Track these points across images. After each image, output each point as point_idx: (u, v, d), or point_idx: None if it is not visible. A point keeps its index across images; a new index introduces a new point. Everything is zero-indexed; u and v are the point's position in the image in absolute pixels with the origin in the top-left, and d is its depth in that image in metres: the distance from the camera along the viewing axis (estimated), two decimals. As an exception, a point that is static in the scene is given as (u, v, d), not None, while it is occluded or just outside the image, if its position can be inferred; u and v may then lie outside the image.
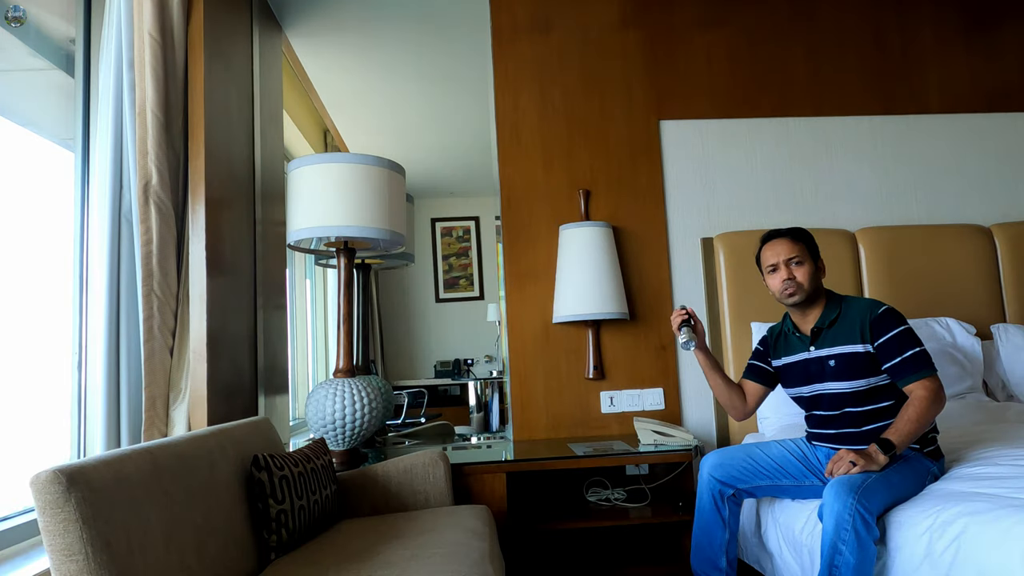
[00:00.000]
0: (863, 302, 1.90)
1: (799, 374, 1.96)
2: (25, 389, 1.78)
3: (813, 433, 1.99)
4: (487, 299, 6.06)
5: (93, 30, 1.95)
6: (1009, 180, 3.07)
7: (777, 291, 1.95)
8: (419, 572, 1.40)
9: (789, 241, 1.95)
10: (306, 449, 1.89)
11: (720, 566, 1.94)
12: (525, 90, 2.94)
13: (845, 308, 1.91)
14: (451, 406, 5.13)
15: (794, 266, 1.92)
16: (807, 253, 1.94)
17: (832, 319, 1.90)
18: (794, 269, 1.92)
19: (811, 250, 1.95)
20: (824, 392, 1.90)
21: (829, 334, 1.90)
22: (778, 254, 1.94)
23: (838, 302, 1.94)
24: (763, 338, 2.12)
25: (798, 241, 1.95)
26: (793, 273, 1.91)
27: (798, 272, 1.91)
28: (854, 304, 1.91)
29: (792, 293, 1.91)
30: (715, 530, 1.95)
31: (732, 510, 1.96)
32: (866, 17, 3.11)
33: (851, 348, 1.85)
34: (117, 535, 1.10)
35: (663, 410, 2.78)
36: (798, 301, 1.92)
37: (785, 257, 1.92)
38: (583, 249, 2.68)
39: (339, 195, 2.14)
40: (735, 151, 2.98)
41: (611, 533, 2.64)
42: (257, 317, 2.38)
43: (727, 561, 1.94)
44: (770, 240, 1.99)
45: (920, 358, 1.77)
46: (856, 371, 1.84)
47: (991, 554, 1.34)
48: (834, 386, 1.87)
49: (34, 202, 1.87)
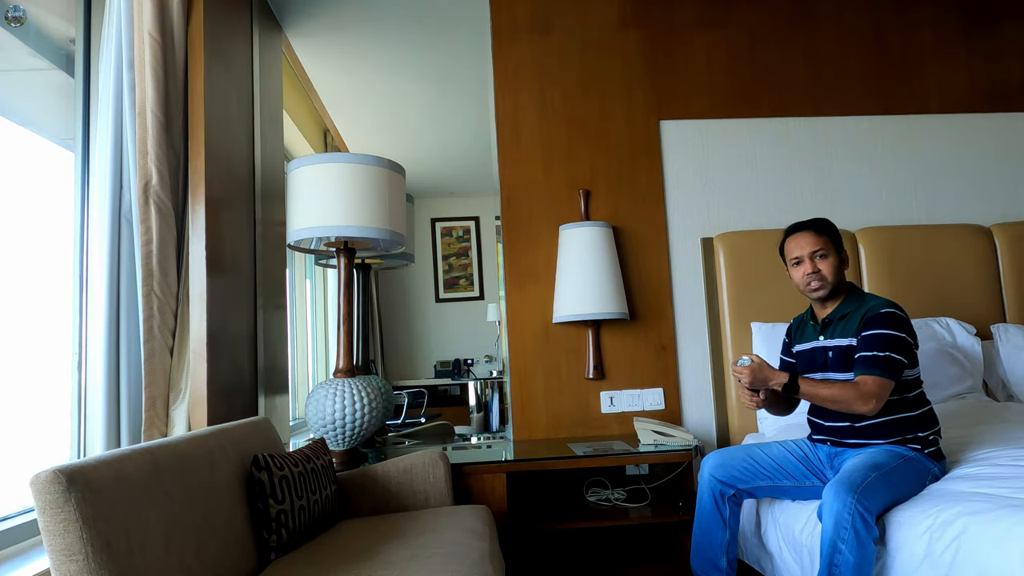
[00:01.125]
0: (875, 300, 1.89)
1: (808, 362, 1.99)
2: (25, 389, 1.78)
3: (813, 423, 2.00)
4: (487, 299, 6.06)
5: (93, 30, 1.95)
6: (1009, 180, 3.07)
7: (801, 284, 1.95)
8: (419, 572, 1.40)
9: (813, 234, 1.94)
10: (306, 449, 1.89)
11: (720, 566, 1.94)
12: (525, 90, 2.94)
13: (859, 304, 1.91)
14: (451, 406, 5.13)
15: (819, 259, 1.92)
16: (831, 246, 1.93)
17: (845, 313, 1.91)
18: (819, 262, 1.92)
19: (835, 242, 1.95)
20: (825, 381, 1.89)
21: (838, 326, 1.92)
22: (802, 247, 1.94)
23: (858, 298, 1.94)
24: (788, 328, 2.15)
25: (822, 234, 1.94)
26: (818, 266, 1.91)
27: (823, 265, 1.91)
28: (868, 301, 1.91)
29: (817, 288, 1.92)
30: (715, 530, 1.95)
31: (732, 510, 1.96)
32: (866, 17, 3.11)
33: (848, 341, 1.87)
34: (117, 535, 1.10)
35: (663, 410, 2.78)
36: (823, 295, 1.93)
37: (810, 250, 1.92)
38: (583, 249, 2.68)
39: (339, 195, 2.14)
40: (735, 151, 2.98)
41: (611, 533, 2.64)
42: (257, 317, 2.38)
43: (727, 561, 1.94)
44: (794, 233, 1.98)
45: (880, 360, 1.76)
46: (850, 364, 1.85)
47: (991, 554, 1.34)
48: (831, 377, 1.90)
49: (34, 202, 1.87)
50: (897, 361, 1.77)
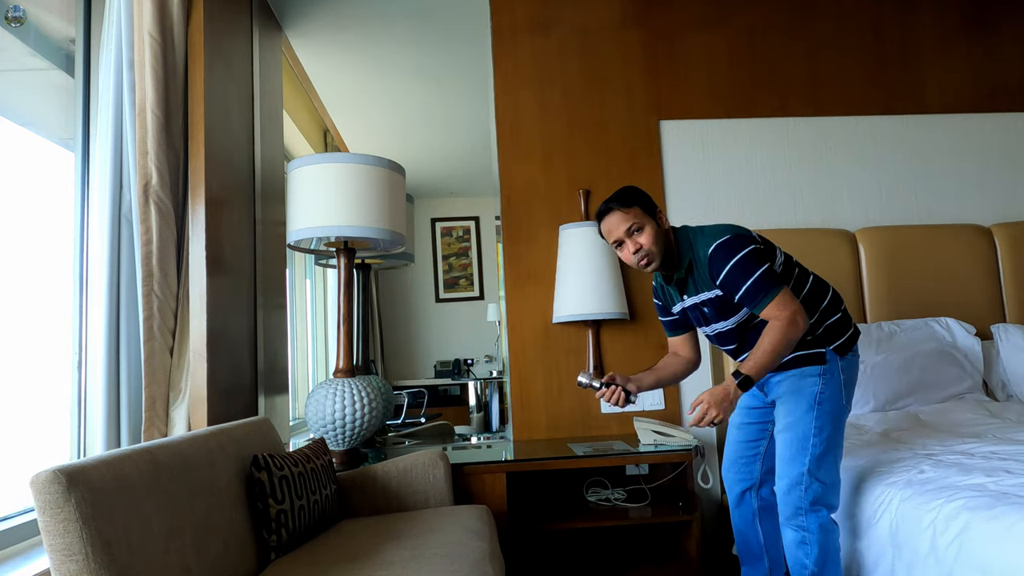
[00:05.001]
0: (700, 242, 1.81)
1: (693, 321, 1.97)
2: (25, 389, 1.78)
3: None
4: (487, 299, 6.05)
5: (93, 30, 1.95)
6: (1009, 180, 3.07)
7: (633, 264, 1.85)
8: (419, 572, 1.40)
9: (620, 212, 1.82)
10: (306, 449, 1.89)
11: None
12: (525, 90, 2.94)
13: (694, 250, 1.83)
14: (451, 406, 5.13)
15: (636, 235, 1.82)
16: (644, 214, 1.82)
17: (687, 266, 1.84)
18: (638, 238, 1.81)
19: (647, 208, 1.84)
20: (718, 332, 1.90)
21: (692, 282, 1.86)
22: (615, 228, 1.83)
23: (688, 245, 1.84)
24: (654, 291, 2.07)
25: (630, 206, 1.82)
26: (639, 242, 1.81)
27: (643, 239, 1.81)
28: (697, 244, 1.82)
29: (649, 263, 1.83)
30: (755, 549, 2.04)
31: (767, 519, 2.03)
32: (866, 17, 3.11)
33: (713, 293, 1.82)
34: (117, 535, 1.10)
35: (663, 410, 2.78)
36: (657, 266, 1.86)
37: (624, 228, 1.81)
38: (583, 249, 2.68)
39: (339, 195, 2.14)
40: (735, 151, 2.98)
41: (611, 533, 2.64)
42: (257, 317, 2.38)
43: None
44: (603, 217, 1.86)
45: (757, 288, 1.71)
46: (728, 310, 1.83)
47: (995, 551, 1.34)
48: (720, 326, 1.88)
49: (34, 202, 1.87)
50: (766, 273, 1.72)
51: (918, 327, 2.67)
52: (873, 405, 2.54)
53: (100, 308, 1.71)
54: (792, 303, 1.71)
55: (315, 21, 3.07)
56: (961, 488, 1.59)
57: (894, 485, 1.74)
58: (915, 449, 2.03)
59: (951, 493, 1.57)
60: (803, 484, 1.74)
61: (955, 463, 1.82)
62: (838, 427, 1.79)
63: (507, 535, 2.20)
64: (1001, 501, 1.44)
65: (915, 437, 2.20)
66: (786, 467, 1.79)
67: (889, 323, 2.70)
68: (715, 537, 2.67)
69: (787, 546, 1.80)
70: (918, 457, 1.91)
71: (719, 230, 1.81)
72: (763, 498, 2.03)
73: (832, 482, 1.77)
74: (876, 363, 2.55)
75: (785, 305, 1.70)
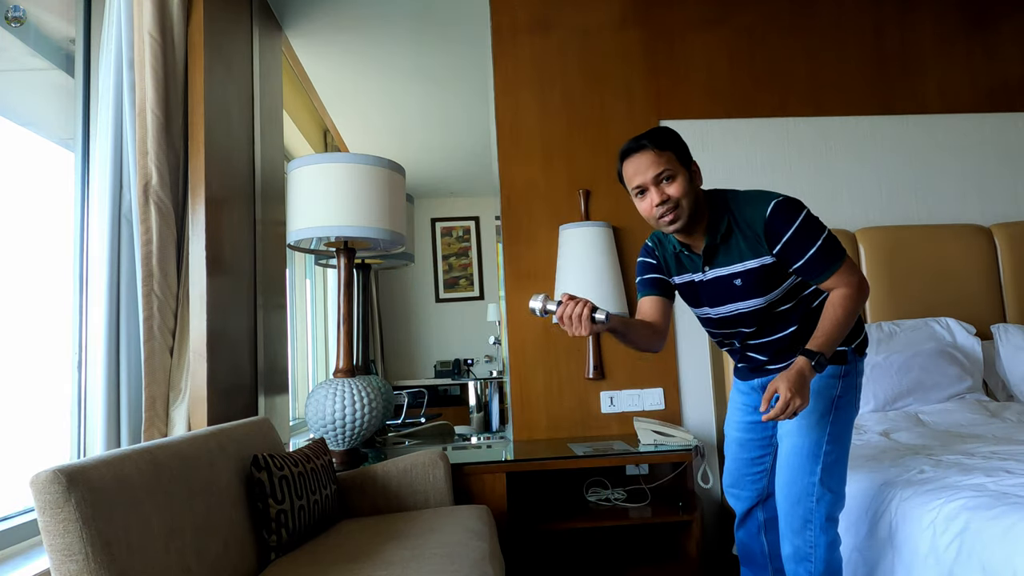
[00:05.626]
0: (751, 204, 1.58)
1: (710, 296, 1.68)
2: (25, 389, 1.78)
3: (740, 369, 1.82)
4: (487, 299, 6.05)
5: (93, 30, 1.95)
6: (1009, 180, 3.07)
7: (652, 218, 1.58)
8: (419, 572, 1.40)
9: (654, 153, 1.54)
10: (306, 449, 1.89)
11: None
12: (525, 90, 2.94)
13: (735, 215, 1.59)
14: (451, 406, 5.13)
15: (665, 184, 1.54)
16: (677, 162, 1.55)
17: (725, 231, 1.59)
18: (666, 187, 1.54)
19: (681, 157, 1.56)
20: (738, 312, 1.65)
21: (725, 249, 1.60)
22: (643, 171, 1.55)
23: (723, 208, 1.60)
24: (648, 250, 1.77)
25: (665, 149, 1.54)
26: (666, 192, 1.54)
27: (672, 189, 1.54)
28: (743, 207, 1.59)
29: (673, 221, 1.56)
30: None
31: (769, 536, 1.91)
32: (866, 17, 3.11)
33: (757, 262, 1.57)
34: (117, 535, 1.10)
35: (663, 410, 2.78)
36: (680, 227, 1.58)
37: (654, 173, 1.54)
38: (583, 249, 2.68)
39: (339, 195, 2.14)
40: (735, 151, 2.98)
41: (611, 533, 2.64)
42: (257, 317, 2.38)
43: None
44: (631, 155, 1.57)
45: (827, 247, 1.52)
46: (768, 284, 1.59)
47: (995, 551, 1.34)
48: (744, 305, 1.62)
49: (34, 202, 1.87)
50: (832, 237, 1.53)
51: (918, 327, 2.67)
52: (873, 405, 2.54)
53: (100, 308, 1.71)
54: (858, 270, 1.53)
55: (315, 21, 3.07)
56: (961, 488, 1.59)
57: (894, 485, 1.74)
58: (915, 449, 2.03)
59: (951, 493, 1.57)
60: (814, 495, 1.59)
61: (955, 463, 1.82)
62: (850, 433, 1.66)
63: (507, 535, 2.20)
64: (1001, 501, 1.44)
65: (915, 437, 2.20)
66: (795, 475, 1.62)
67: (889, 323, 2.70)
68: (715, 537, 2.67)
69: (786, 559, 1.65)
70: (918, 457, 1.91)
71: (763, 193, 1.59)
72: (769, 510, 1.91)
73: (841, 492, 1.64)
74: (876, 363, 2.55)
75: (853, 271, 1.52)
